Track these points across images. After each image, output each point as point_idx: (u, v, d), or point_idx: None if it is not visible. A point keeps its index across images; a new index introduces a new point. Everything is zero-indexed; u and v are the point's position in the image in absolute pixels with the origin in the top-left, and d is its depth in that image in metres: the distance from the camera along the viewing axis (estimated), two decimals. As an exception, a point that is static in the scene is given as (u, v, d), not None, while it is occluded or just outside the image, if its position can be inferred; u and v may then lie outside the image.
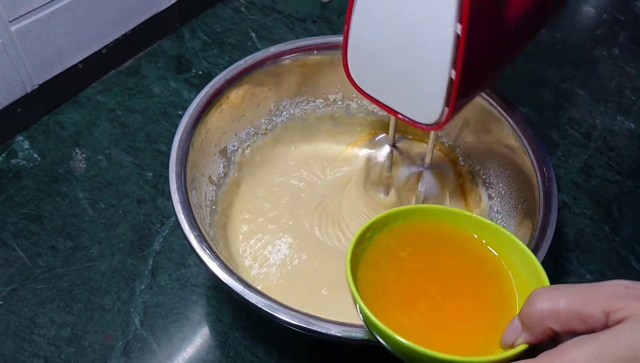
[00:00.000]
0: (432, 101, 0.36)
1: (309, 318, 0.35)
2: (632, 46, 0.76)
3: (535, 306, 0.25)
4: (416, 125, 0.38)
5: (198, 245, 0.38)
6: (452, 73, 0.33)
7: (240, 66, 0.49)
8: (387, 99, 0.40)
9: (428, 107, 0.37)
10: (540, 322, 0.25)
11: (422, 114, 0.38)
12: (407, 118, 0.39)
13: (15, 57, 0.54)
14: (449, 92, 0.35)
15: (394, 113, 0.40)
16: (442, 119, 0.36)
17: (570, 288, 0.25)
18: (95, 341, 0.45)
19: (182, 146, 0.43)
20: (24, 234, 0.51)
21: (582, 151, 0.63)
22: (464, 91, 0.35)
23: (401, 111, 0.39)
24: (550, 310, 0.25)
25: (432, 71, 0.35)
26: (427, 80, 0.35)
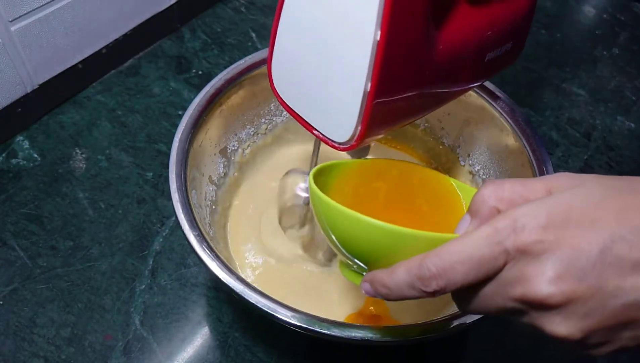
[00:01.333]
0: (345, 117, 0.33)
1: (309, 318, 0.35)
2: (632, 46, 0.76)
3: (481, 191, 0.26)
4: (329, 143, 0.36)
5: (198, 245, 0.38)
6: (368, 85, 0.31)
7: (241, 65, 0.49)
8: (305, 113, 0.37)
9: (342, 124, 0.34)
10: (486, 204, 0.25)
11: (336, 132, 0.35)
12: (322, 135, 0.37)
13: (15, 57, 0.54)
14: (363, 108, 0.32)
15: (310, 129, 0.37)
16: (355, 138, 0.34)
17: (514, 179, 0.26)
18: (96, 341, 0.45)
19: (182, 146, 0.43)
20: (24, 234, 0.51)
21: (582, 151, 0.63)
22: (379, 109, 0.32)
23: (317, 127, 0.37)
24: (494, 191, 0.25)
25: (348, 83, 0.32)
26: (343, 93, 0.33)
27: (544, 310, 0.23)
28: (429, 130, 0.56)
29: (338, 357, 0.46)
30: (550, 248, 0.22)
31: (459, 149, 0.54)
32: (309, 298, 0.47)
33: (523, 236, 0.22)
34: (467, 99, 0.50)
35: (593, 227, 0.22)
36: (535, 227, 0.22)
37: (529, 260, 0.22)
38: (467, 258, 0.24)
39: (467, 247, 0.24)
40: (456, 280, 0.24)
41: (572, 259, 0.22)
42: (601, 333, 0.22)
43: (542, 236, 0.22)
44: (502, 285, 0.24)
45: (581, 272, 0.22)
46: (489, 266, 0.23)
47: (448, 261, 0.24)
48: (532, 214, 0.23)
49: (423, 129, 0.56)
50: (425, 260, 0.25)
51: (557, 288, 0.22)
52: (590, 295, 0.22)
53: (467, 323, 0.35)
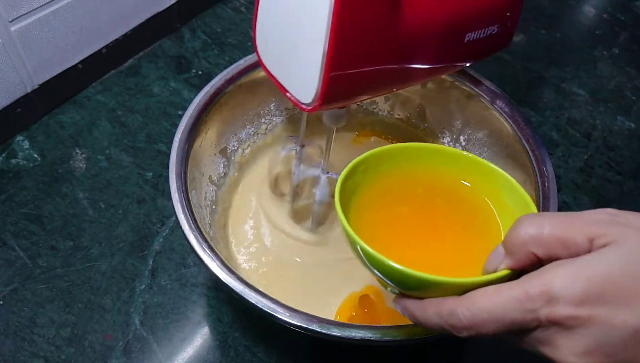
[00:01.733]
0: (309, 78, 0.35)
1: (309, 318, 0.35)
2: (632, 46, 0.76)
3: (518, 231, 0.25)
4: (298, 105, 0.38)
5: (198, 245, 0.38)
6: (326, 47, 0.33)
7: (240, 65, 0.49)
8: (279, 75, 0.39)
9: (307, 85, 0.36)
10: (523, 247, 0.25)
11: (303, 93, 0.37)
12: (292, 97, 0.38)
13: (15, 57, 0.54)
14: (323, 69, 0.34)
15: (285, 91, 0.39)
16: (316, 99, 0.35)
17: (555, 215, 0.25)
18: (95, 341, 0.45)
19: (182, 146, 0.43)
20: (24, 234, 0.51)
21: (582, 151, 0.63)
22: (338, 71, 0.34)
23: (288, 88, 0.39)
24: (534, 235, 0.24)
25: (311, 45, 0.34)
26: (307, 55, 0.35)
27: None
28: (429, 130, 0.56)
29: (338, 357, 0.46)
30: (582, 324, 0.22)
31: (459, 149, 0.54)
32: (310, 298, 0.47)
33: (557, 310, 0.22)
34: (466, 99, 0.50)
35: (629, 305, 0.22)
36: (570, 302, 0.22)
37: (560, 331, 0.23)
38: (498, 318, 0.24)
39: (498, 307, 0.24)
40: (486, 333, 0.25)
41: (603, 337, 0.22)
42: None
43: (575, 312, 0.22)
44: (532, 339, 0.24)
45: (611, 349, 0.22)
46: (519, 327, 0.24)
47: (479, 318, 0.24)
48: (569, 287, 0.22)
49: (423, 129, 0.56)
50: (456, 310, 0.25)
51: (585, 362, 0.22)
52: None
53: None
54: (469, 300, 0.25)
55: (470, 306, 0.25)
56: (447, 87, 0.51)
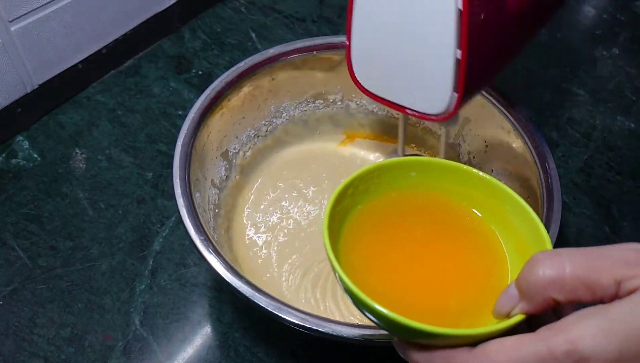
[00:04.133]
0: (439, 87, 0.35)
1: (323, 321, 0.35)
2: (632, 46, 0.76)
3: (536, 273, 0.22)
4: (425, 118, 0.38)
5: (204, 249, 0.38)
6: (458, 53, 0.33)
7: (241, 68, 0.49)
8: (393, 96, 0.39)
9: (436, 95, 0.36)
10: (542, 291, 0.22)
11: (430, 105, 0.37)
12: (415, 112, 0.38)
13: (15, 57, 0.54)
14: (457, 75, 0.34)
15: (403, 110, 0.39)
16: (452, 106, 0.36)
17: (576, 252, 0.22)
18: (95, 341, 0.45)
19: (184, 150, 0.43)
20: (24, 234, 0.51)
21: (582, 151, 0.63)
22: (472, 73, 0.34)
23: (409, 106, 0.39)
24: (554, 278, 0.21)
25: (437, 55, 0.34)
26: (433, 66, 0.35)
27: None
28: (429, 129, 0.56)
29: (338, 357, 0.46)
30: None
31: (460, 148, 0.54)
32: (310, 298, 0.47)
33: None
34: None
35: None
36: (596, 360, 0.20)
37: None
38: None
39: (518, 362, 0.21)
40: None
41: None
42: None
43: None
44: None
45: None
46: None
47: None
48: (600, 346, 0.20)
49: (423, 128, 0.56)
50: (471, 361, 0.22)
51: None
52: None
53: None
54: (485, 355, 0.22)
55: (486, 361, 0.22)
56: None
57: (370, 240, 0.31)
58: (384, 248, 0.31)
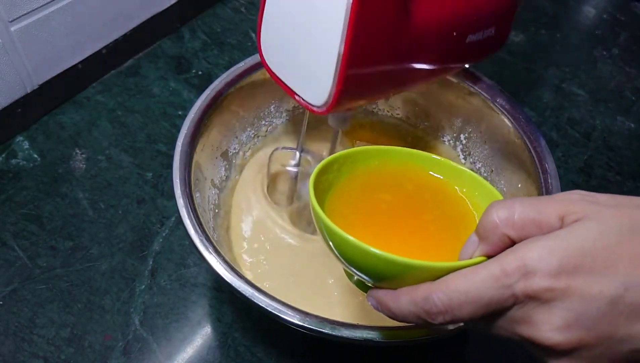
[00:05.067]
0: (322, 80, 0.36)
1: (323, 321, 0.35)
2: (632, 46, 0.76)
3: (490, 215, 0.24)
4: (308, 107, 0.38)
5: (204, 249, 0.38)
6: (342, 48, 0.33)
7: (240, 68, 0.49)
8: (288, 79, 0.40)
9: (319, 87, 0.36)
10: (496, 230, 0.24)
11: (314, 95, 0.37)
12: (302, 100, 0.39)
13: (15, 57, 0.54)
14: (337, 71, 0.34)
15: (292, 95, 0.40)
16: (330, 100, 0.36)
17: (525, 198, 0.25)
18: (95, 341, 0.45)
19: (185, 150, 0.43)
20: (23, 234, 0.51)
21: (582, 151, 0.63)
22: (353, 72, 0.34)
23: (297, 92, 0.39)
24: (506, 218, 0.24)
25: (324, 47, 0.34)
26: (320, 58, 0.35)
27: (550, 353, 0.23)
28: (429, 129, 0.56)
29: (338, 357, 0.46)
30: (560, 296, 0.22)
31: (460, 148, 0.54)
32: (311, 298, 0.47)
33: (533, 283, 0.22)
34: (466, 97, 0.50)
35: (605, 274, 0.21)
36: (546, 274, 0.22)
37: (538, 305, 0.22)
38: (474, 299, 0.23)
39: (474, 287, 0.23)
40: (463, 317, 0.24)
41: (582, 309, 0.21)
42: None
43: (552, 284, 0.22)
44: (509, 321, 0.23)
45: (590, 322, 0.21)
46: (496, 306, 0.23)
47: (455, 300, 0.24)
48: (544, 260, 0.22)
49: (423, 128, 0.56)
50: (431, 294, 0.24)
51: (565, 337, 0.22)
52: (598, 343, 0.22)
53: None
54: (444, 283, 0.24)
55: (445, 289, 0.24)
56: (447, 85, 0.51)
57: (350, 207, 0.34)
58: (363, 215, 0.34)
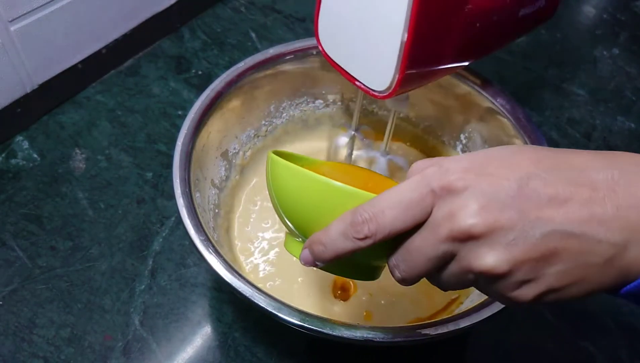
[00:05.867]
0: (384, 66, 0.37)
1: (323, 322, 0.35)
2: (632, 46, 0.76)
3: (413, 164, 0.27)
4: (369, 93, 0.40)
5: (204, 249, 0.37)
6: (405, 36, 0.35)
7: (240, 68, 0.49)
8: (348, 65, 0.41)
9: (381, 73, 0.38)
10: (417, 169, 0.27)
11: (376, 81, 0.39)
12: (362, 85, 0.40)
13: (15, 57, 0.54)
14: (400, 57, 0.36)
15: (353, 81, 0.41)
16: (393, 86, 0.37)
17: None
18: (95, 341, 0.45)
19: (184, 150, 0.43)
20: (23, 234, 0.51)
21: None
22: (415, 57, 0.36)
23: (358, 78, 0.41)
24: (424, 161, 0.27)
25: (387, 34, 0.36)
26: (382, 44, 0.37)
27: (470, 242, 0.24)
28: (430, 129, 0.56)
29: (338, 357, 0.46)
30: (472, 184, 0.24)
31: (460, 148, 0.54)
32: (311, 298, 0.47)
33: (447, 176, 0.24)
34: (466, 97, 0.50)
35: (510, 168, 0.24)
36: (459, 169, 0.25)
37: (454, 197, 0.24)
38: (396, 203, 0.25)
39: (397, 193, 0.25)
40: (385, 224, 0.25)
41: (492, 192, 0.23)
42: (526, 268, 0.23)
43: (464, 175, 0.24)
44: (430, 229, 0.25)
45: (502, 204, 0.23)
46: (417, 209, 0.25)
47: (379, 207, 0.25)
48: (456, 160, 0.25)
49: (423, 128, 0.56)
50: (358, 208, 0.26)
51: (481, 218, 0.23)
52: (512, 225, 0.23)
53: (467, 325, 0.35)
54: (373, 199, 0.26)
55: (372, 201, 0.26)
56: (447, 85, 0.51)
57: None
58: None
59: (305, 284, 0.47)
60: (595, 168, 0.23)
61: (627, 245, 0.23)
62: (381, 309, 0.46)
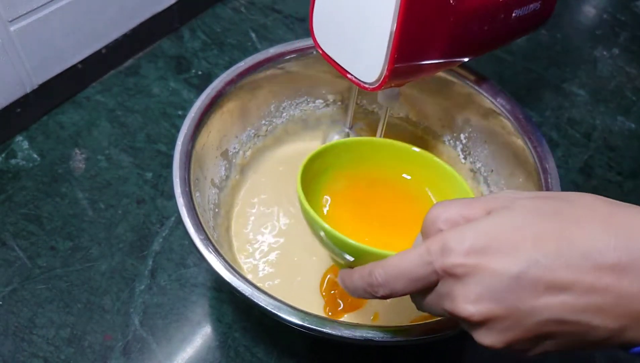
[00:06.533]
0: (374, 57, 0.38)
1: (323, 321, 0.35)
2: (632, 46, 0.76)
3: (430, 214, 0.28)
4: (360, 85, 0.40)
5: (204, 248, 0.37)
6: (394, 26, 0.35)
7: (240, 67, 0.49)
8: (340, 58, 0.42)
9: (371, 64, 0.38)
10: (433, 226, 0.27)
11: (366, 73, 0.40)
12: (353, 77, 0.41)
13: (15, 57, 0.54)
14: (390, 48, 0.36)
15: (345, 73, 0.42)
16: (382, 78, 0.38)
17: (463, 198, 0.28)
18: (95, 341, 0.45)
19: (184, 150, 0.43)
20: (23, 234, 0.51)
21: (582, 151, 0.63)
22: (404, 48, 0.36)
23: (349, 70, 0.41)
24: (441, 214, 0.27)
25: (376, 26, 0.37)
26: (372, 36, 0.37)
27: (469, 324, 0.26)
28: (429, 129, 0.56)
29: (338, 357, 0.46)
30: (471, 272, 0.24)
31: (460, 148, 0.54)
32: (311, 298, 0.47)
33: (449, 260, 0.25)
34: (467, 97, 0.50)
35: (511, 252, 0.24)
36: (460, 253, 0.25)
37: (455, 281, 0.25)
38: (404, 274, 0.27)
39: (404, 263, 0.27)
40: (397, 290, 0.28)
41: (490, 283, 0.24)
42: (522, 344, 0.25)
43: (464, 261, 0.24)
44: (437, 296, 0.27)
45: (498, 295, 0.24)
46: (424, 282, 0.26)
47: (390, 274, 0.28)
48: (458, 239, 0.25)
49: (423, 128, 0.56)
50: (373, 269, 0.28)
51: (477, 309, 0.24)
52: (507, 315, 0.24)
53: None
54: (385, 261, 0.28)
55: (384, 265, 0.28)
56: (447, 85, 0.51)
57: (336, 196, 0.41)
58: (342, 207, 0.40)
59: (306, 284, 0.47)
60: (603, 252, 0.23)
61: (625, 329, 0.23)
62: (387, 307, 0.46)
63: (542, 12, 0.45)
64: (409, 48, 0.37)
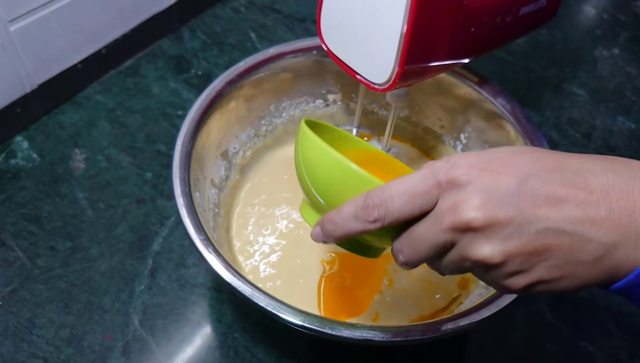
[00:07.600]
0: (384, 58, 0.38)
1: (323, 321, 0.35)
2: (632, 46, 0.76)
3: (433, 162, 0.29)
4: (370, 86, 0.40)
5: (204, 249, 0.37)
6: (404, 27, 0.35)
7: (240, 67, 0.49)
8: (349, 59, 0.42)
9: (381, 66, 0.39)
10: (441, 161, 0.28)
11: (375, 74, 0.40)
12: (363, 79, 0.41)
13: (15, 58, 0.54)
14: (400, 49, 0.36)
15: (354, 74, 0.42)
16: (392, 78, 0.38)
17: None
18: (95, 341, 0.45)
19: (184, 150, 0.43)
20: (23, 234, 0.51)
21: (582, 151, 0.63)
22: (415, 49, 0.36)
23: (358, 71, 0.41)
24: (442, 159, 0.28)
25: (387, 27, 0.37)
26: (382, 37, 0.37)
27: (470, 233, 0.26)
28: (429, 129, 0.56)
29: (338, 357, 0.46)
30: (475, 179, 0.26)
31: (460, 148, 0.54)
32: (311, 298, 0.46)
33: (453, 170, 0.26)
34: (467, 97, 0.50)
35: (512, 166, 0.26)
36: (464, 164, 0.26)
37: (458, 190, 0.26)
38: (404, 191, 0.27)
39: (407, 182, 0.27)
40: (394, 210, 0.27)
41: (493, 189, 0.25)
42: (519, 260, 0.25)
43: (468, 170, 0.26)
44: (435, 218, 0.27)
45: (501, 201, 0.25)
46: (424, 199, 0.27)
47: (389, 193, 0.27)
48: (463, 156, 0.27)
49: (423, 128, 0.56)
50: (370, 192, 0.28)
51: (481, 213, 0.25)
52: (509, 221, 0.25)
53: (467, 324, 0.35)
54: (384, 185, 0.28)
55: (383, 187, 0.28)
56: (447, 85, 0.51)
57: None
58: None
59: (306, 285, 0.47)
60: (592, 172, 0.25)
61: (617, 245, 0.24)
62: (387, 307, 0.46)
63: (548, 9, 0.45)
64: (419, 49, 0.37)
